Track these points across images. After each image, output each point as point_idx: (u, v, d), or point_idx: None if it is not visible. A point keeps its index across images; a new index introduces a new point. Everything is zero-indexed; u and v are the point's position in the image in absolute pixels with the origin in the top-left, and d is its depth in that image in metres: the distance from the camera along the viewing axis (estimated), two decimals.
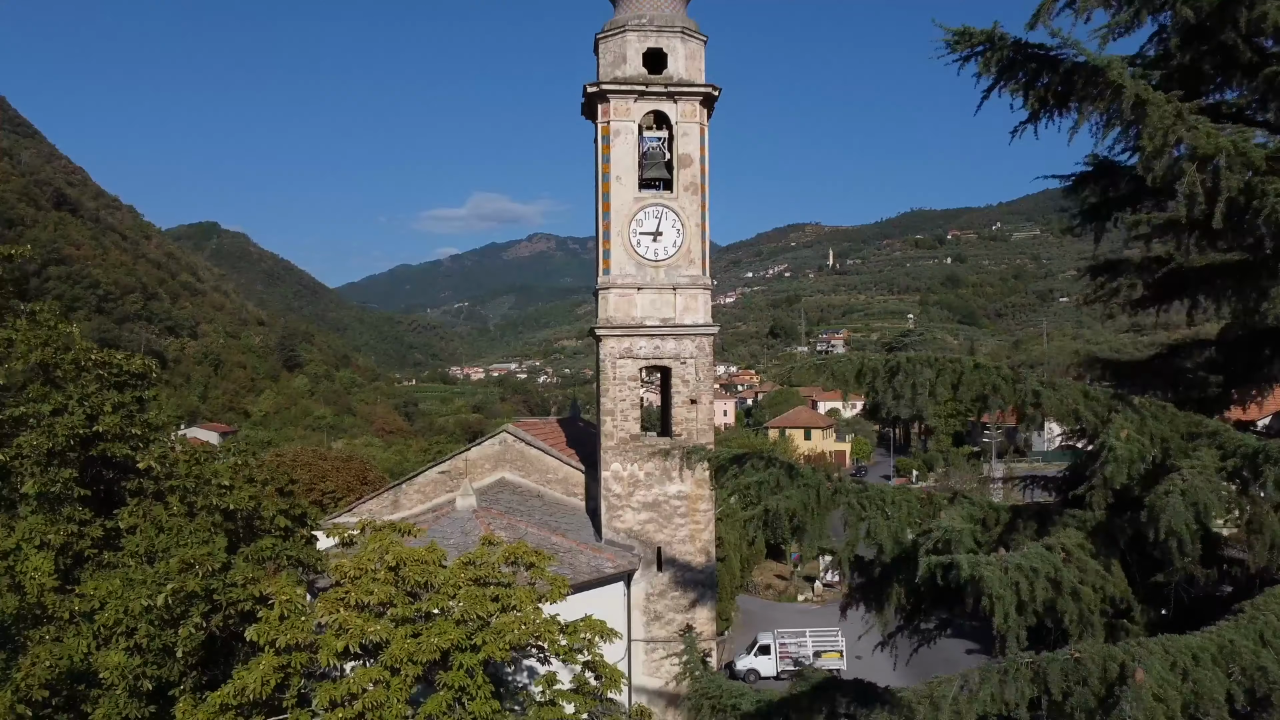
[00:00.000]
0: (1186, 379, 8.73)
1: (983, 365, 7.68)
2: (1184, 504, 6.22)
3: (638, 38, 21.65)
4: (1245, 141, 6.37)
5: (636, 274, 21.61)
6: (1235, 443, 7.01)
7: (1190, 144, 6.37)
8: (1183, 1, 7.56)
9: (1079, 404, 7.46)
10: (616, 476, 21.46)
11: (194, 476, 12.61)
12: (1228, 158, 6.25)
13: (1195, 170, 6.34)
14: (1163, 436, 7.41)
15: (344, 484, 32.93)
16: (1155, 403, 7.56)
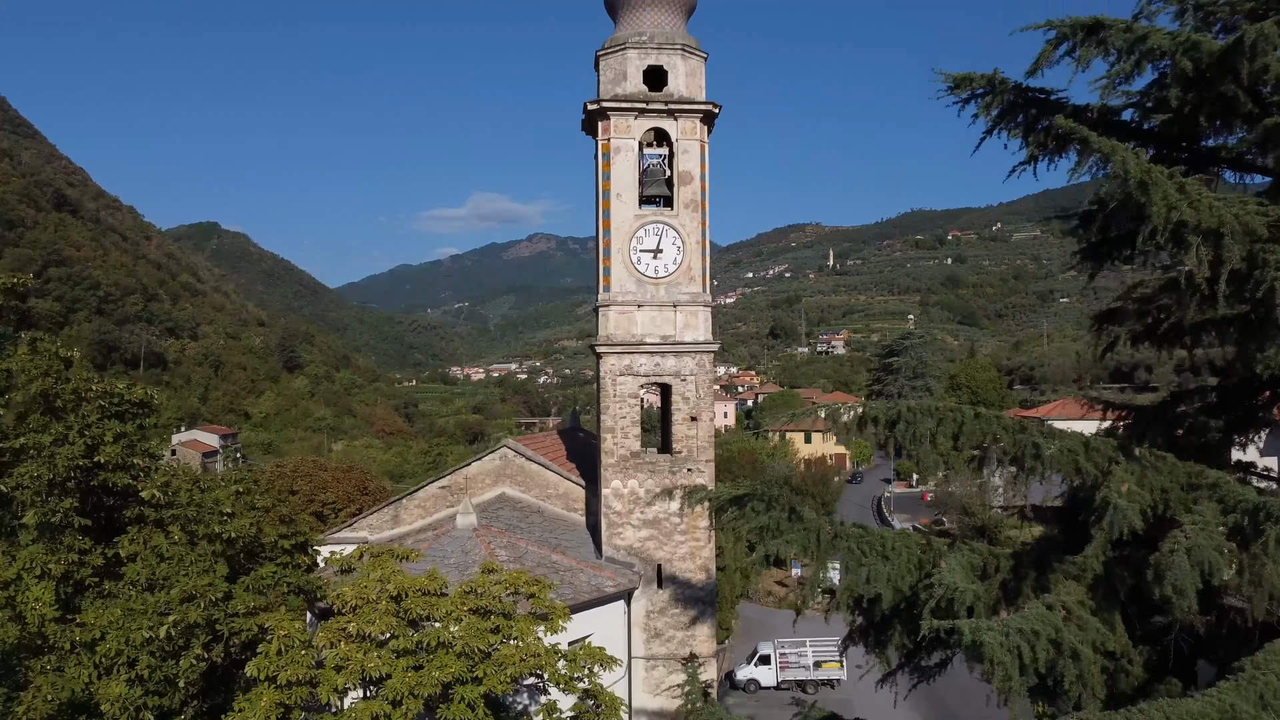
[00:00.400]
0: (1186, 424, 8.73)
1: (983, 415, 7.68)
2: (1189, 563, 6.23)
3: (638, 55, 21.64)
4: (1248, 214, 6.37)
5: (637, 291, 21.61)
6: (1236, 497, 7.01)
7: (1194, 221, 6.36)
8: (1182, 52, 7.57)
9: (1080, 456, 7.46)
10: (617, 494, 21.46)
11: (195, 505, 12.61)
12: (1231, 231, 6.25)
13: (1200, 243, 6.34)
14: (1163, 488, 7.42)
15: (344, 494, 32.91)
16: (1156, 454, 7.57)
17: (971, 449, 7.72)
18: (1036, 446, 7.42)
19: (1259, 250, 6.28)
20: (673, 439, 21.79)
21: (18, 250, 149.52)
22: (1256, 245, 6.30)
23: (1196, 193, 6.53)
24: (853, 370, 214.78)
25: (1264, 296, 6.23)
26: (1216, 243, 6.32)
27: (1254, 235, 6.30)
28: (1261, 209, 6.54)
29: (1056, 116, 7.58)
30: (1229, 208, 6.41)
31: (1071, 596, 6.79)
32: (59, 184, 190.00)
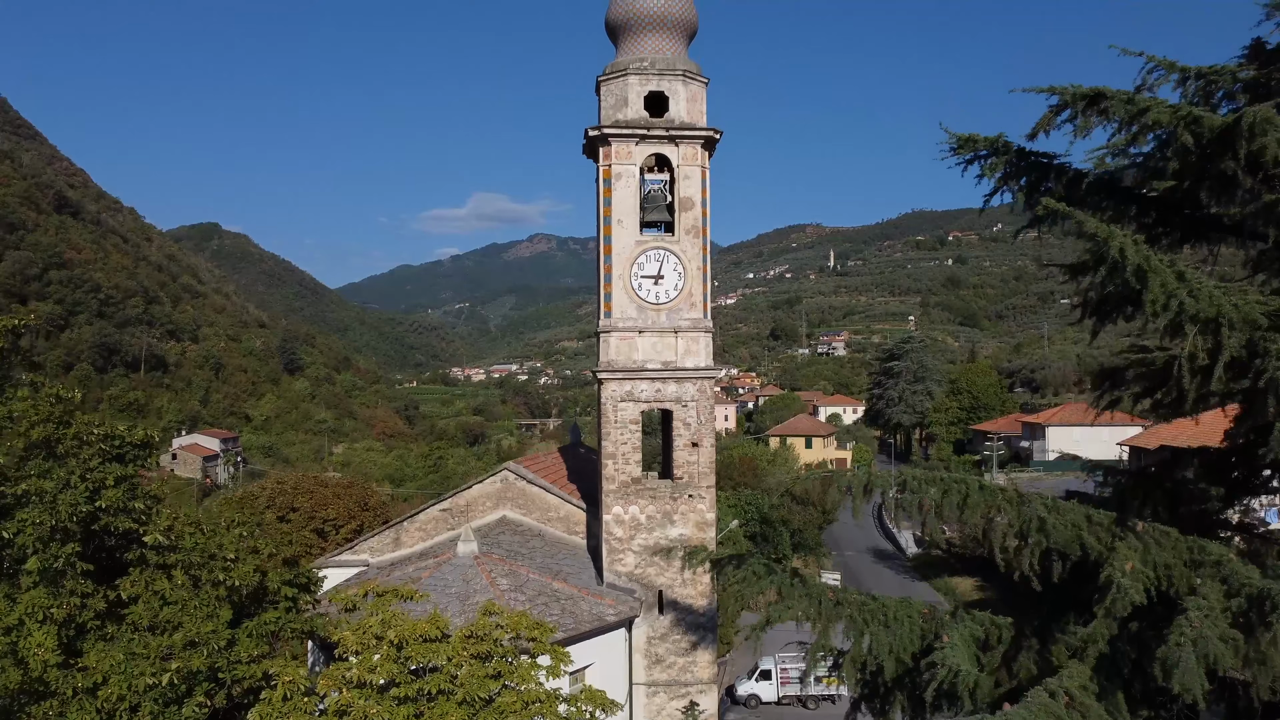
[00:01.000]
0: (1187, 490, 8.72)
1: (987, 487, 7.69)
2: (1195, 655, 6.24)
3: (639, 81, 21.64)
4: (1248, 304, 6.37)
5: (638, 317, 21.61)
6: (1240, 579, 7.01)
7: (1192, 310, 6.36)
8: (1184, 126, 7.57)
9: (1083, 530, 7.46)
10: (618, 520, 21.46)
11: (199, 550, 12.61)
12: (1230, 322, 6.24)
13: (1197, 333, 6.34)
14: (1166, 564, 7.42)
15: (345, 511, 32.91)
16: (1158, 529, 7.56)
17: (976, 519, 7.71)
18: (1041, 520, 7.42)
19: (1259, 338, 6.27)
20: (674, 465, 21.78)
21: (19, 253, 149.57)
22: (1257, 333, 6.29)
23: (1196, 281, 6.53)
24: (853, 371, 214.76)
25: (1264, 386, 6.22)
26: (1215, 331, 6.32)
27: (1254, 325, 6.30)
28: (1262, 299, 6.54)
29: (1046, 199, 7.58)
30: (1228, 296, 6.41)
31: (1075, 681, 6.79)
32: (60, 186, 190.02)
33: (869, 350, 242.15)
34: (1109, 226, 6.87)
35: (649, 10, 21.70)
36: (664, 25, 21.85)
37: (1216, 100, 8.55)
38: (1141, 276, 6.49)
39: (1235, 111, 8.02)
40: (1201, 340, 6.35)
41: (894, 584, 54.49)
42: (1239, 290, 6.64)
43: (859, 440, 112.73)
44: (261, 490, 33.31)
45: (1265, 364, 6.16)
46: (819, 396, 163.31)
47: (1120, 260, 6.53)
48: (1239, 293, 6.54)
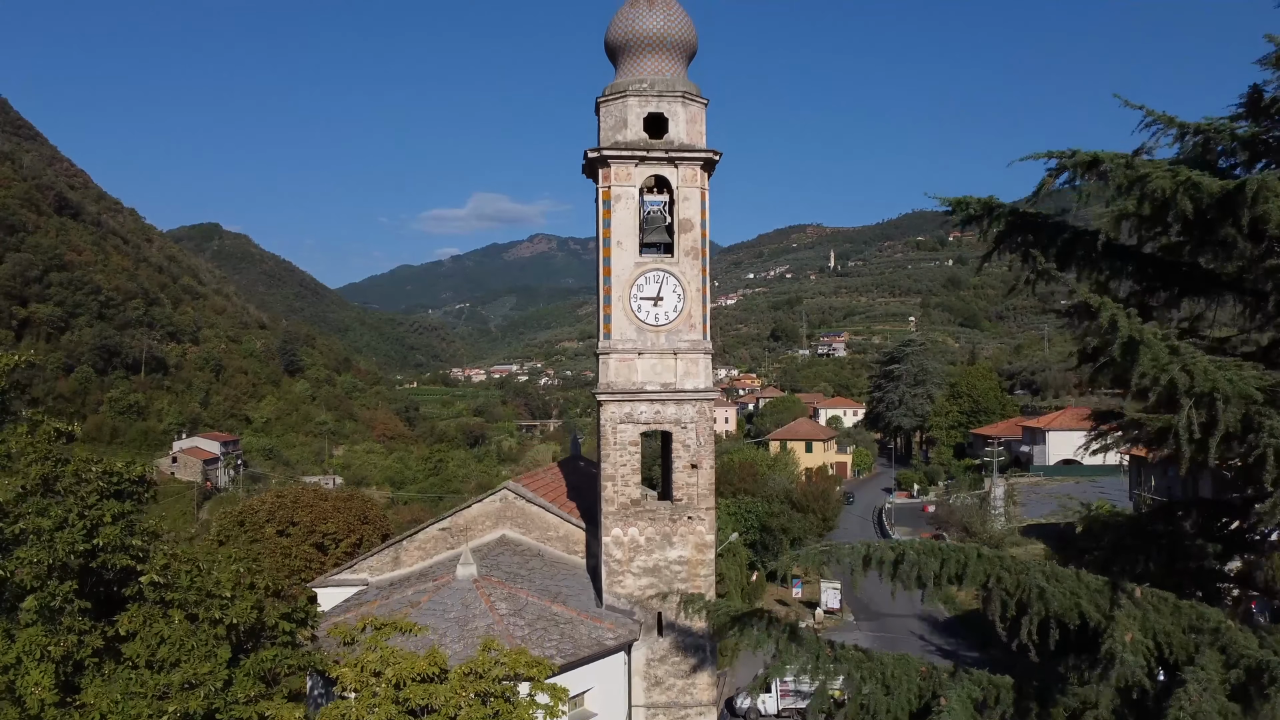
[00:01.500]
0: (1185, 546, 8.70)
1: (986, 555, 7.67)
2: None
3: (638, 102, 21.61)
4: (1243, 379, 6.35)
5: (637, 339, 21.58)
6: (1238, 649, 6.99)
7: (1185, 385, 6.34)
8: (1183, 192, 7.55)
9: (1081, 598, 7.44)
10: (617, 541, 21.43)
11: (196, 588, 12.60)
12: (1225, 397, 6.23)
13: (1192, 406, 6.32)
14: (1165, 630, 7.40)
15: (344, 524, 32.88)
16: (1156, 595, 7.55)
17: (975, 588, 7.69)
18: (1040, 590, 7.40)
19: (1254, 412, 6.26)
20: (673, 486, 21.76)
21: (19, 255, 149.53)
22: (1253, 407, 6.28)
23: (1190, 355, 6.51)
24: (854, 373, 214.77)
25: (1255, 462, 6.21)
26: (1210, 406, 6.31)
27: (1249, 399, 6.28)
28: (1257, 373, 6.52)
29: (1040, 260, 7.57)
30: (1223, 371, 6.39)
31: None
32: (60, 187, 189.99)
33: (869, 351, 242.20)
34: (1101, 297, 6.86)
35: (648, 32, 21.68)
36: (663, 47, 21.82)
37: (1215, 156, 8.53)
38: (1133, 349, 6.48)
39: (1235, 176, 8.02)
40: (1196, 414, 6.33)
41: None
42: (1234, 364, 6.61)
43: (859, 444, 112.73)
44: (261, 504, 33.27)
45: (1259, 439, 6.14)
46: (819, 398, 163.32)
47: (1113, 330, 6.52)
48: (1234, 367, 6.52)
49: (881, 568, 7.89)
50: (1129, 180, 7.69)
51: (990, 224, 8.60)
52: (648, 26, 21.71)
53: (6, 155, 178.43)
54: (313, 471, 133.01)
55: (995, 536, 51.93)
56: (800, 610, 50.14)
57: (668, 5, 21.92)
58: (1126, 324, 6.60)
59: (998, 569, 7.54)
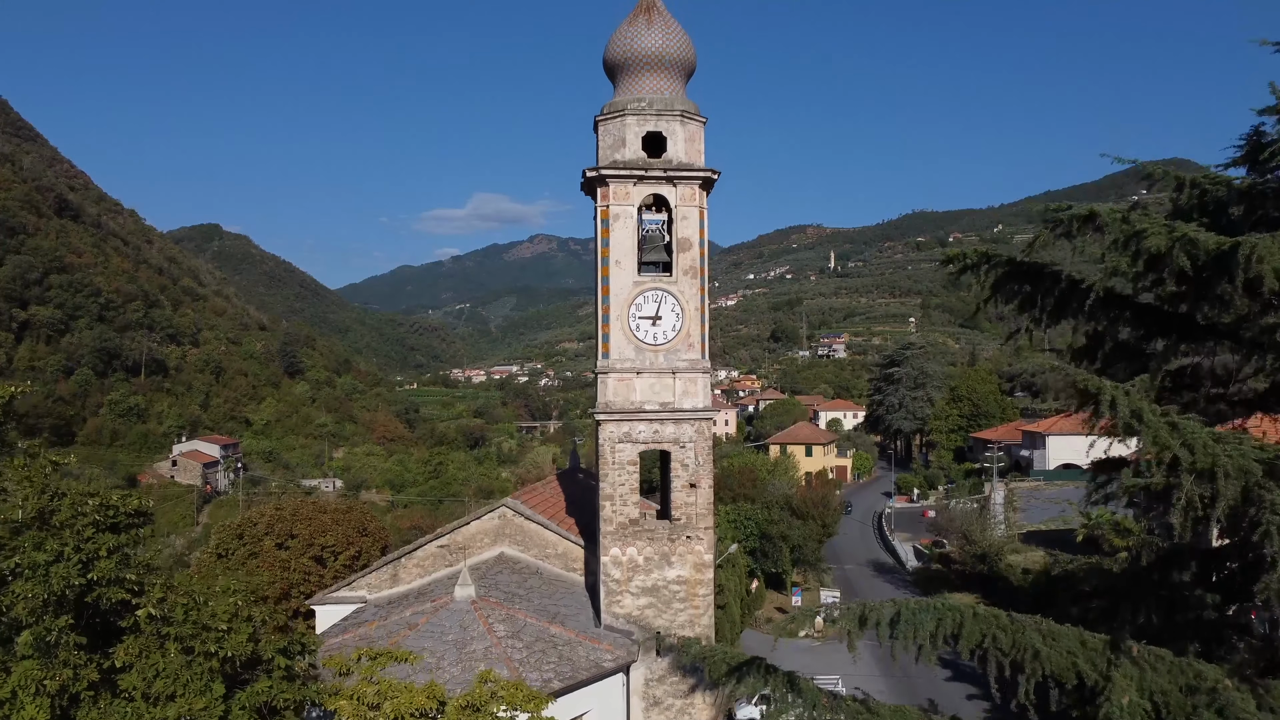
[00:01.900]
0: (1182, 598, 8.68)
1: (981, 615, 7.65)
2: None
3: (637, 121, 21.59)
4: (1243, 454, 6.32)
5: (636, 358, 21.55)
6: (1235, 711, 6.96)
7: (1187, 462, 6.32)
8: (1180, 248, 7.53)
9: (1078, 657, 7.41)
10: (615, 561, 21.40)
11: (192, 622, 12.56)
12: (1225, 473, 6.20)
13: (1193, 483, 6.30)
14: (1163, 690, 7.37)
15: (343, 537, 32.84)
16: (1153, 653, 7.52)
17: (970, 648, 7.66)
18: (1036, 651, 7.37)
19: (1255, 487, 6.24)
20: (672, 506, 21.74)
21: (19, 257, 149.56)
22: (1252, 479, 6.25)
23: (1190, 431, 6.48)
24: (854, 374, 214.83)
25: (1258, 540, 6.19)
26: (1211, 480, 6.29)
27: (1249, 474, 6.27)
28: (1258, 446, 6.50)
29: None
30: (1223, 446, 6.37)
31: None
32: (60, 189, 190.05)
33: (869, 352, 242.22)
34: (1101, 380, 6.83)
35: (647, 51, 21.65)
36: (662, 65, 21.79)
37: (1213, 206, 8.51)
38: (1133, 429, 6.45)
39: (1233, 223, 8.00)
40: (1197, 488, 6.31)
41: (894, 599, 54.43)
42: (1234, 439, 6.59)
43: (859, 447, 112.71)
44: (260, 516, 33.25)
45: (1260, 515, 6.13)
46: (819, 400, 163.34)
47: (1113, 410, 6.50)
48: (1234, 441, 6.50)
49: (878, 628, 7.86)
50: (1125, 235, 7.67)
51: (987, 273, 8.57)
52: (646, 45, 21.68)
53: (7, 157, 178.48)
54: (313, 475, 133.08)
55: (995, 545, 51.86)
56: None
57: (666, 24, 21.89)
58: (1125, 404, 6.57)
59: (993, 628, 7.51)
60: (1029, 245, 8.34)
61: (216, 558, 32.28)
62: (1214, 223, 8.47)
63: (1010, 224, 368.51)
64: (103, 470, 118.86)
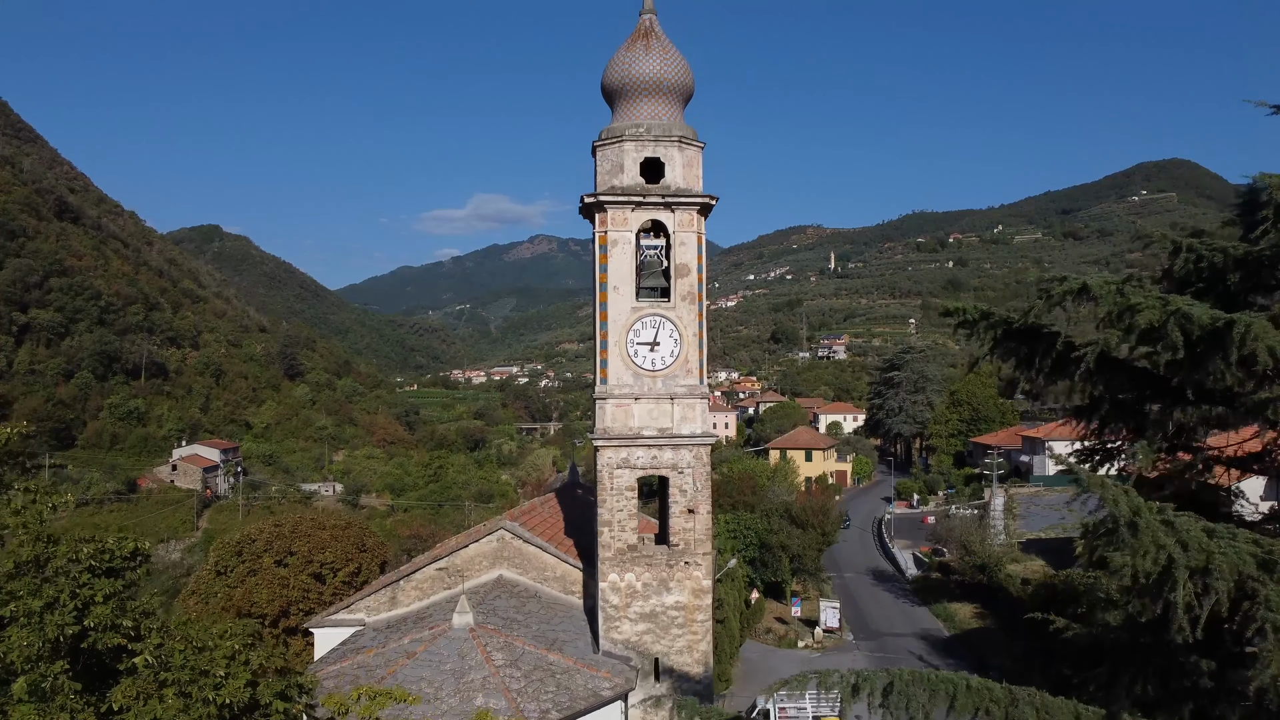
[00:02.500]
0: (1179, 664, 8.66)
1: (975, 686, 7.64)
2: None
3: (635, 147, 21.58)
4: (1239, 552, 6.32)
5: (634, 384, 21.55)
6: None
7: (1182, 561, 6.32)
8: (1174, 322, 7.52)
9: None
10: (614, 587, 21.41)
11: (190, 667, 12.53)
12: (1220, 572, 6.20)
13: (1188, 581, 6.29)
14: None
15: (342, 553, 32.84)
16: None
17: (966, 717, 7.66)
18: None
19: (1249, 578, 6.23)
20: (670, 531, 21.74)
21: (19, 260, 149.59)
22: (1246, 575, 6.25)
23: (1185, 529, 6.47)
24: (854, 376, 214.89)
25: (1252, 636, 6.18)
26: (1205, 578, 6.28)
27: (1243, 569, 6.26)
28: (1254, 540, 6.49)
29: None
30: (1217, 542, 6.36)
31: None
32: (60, 191, 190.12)
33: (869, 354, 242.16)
34: (1102, 478, 6.83)
35: (645, 76, 21.64)
36: (660, 91, 21.79)
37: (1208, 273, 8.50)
38: (1133, 528, 6.45)
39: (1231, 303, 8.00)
40: (1192, 586, 6.31)
41: (893, 608, 54.48)
42: (1228, 533, 6.58)
43: (859, 451, 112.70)
44: (259, 533, 33.25)
45: (1255, 610, 6.12)
46: (819, 403, 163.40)
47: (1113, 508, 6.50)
48: (1228, 536, 6.49)
49: (871, 697, 7.86)
50: (1119, 308, 7.67)
51: (985, 331, 8.58)
52: (644, 71, 21.67)
53: (7, 160, 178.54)
54: (313, 479, 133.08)
55: (994, 555, 51.84)
56: (799, 629, 50.09)
57: (664, 49, 21.88)
58: (1126, 503, 6.57)
59: (987, 701, 7.51)
60: (1025, 312, 8.32)
61: (216, 575, 32.30)
62: (1210, 289, 8.47)
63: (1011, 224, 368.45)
64: (103, 474, 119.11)
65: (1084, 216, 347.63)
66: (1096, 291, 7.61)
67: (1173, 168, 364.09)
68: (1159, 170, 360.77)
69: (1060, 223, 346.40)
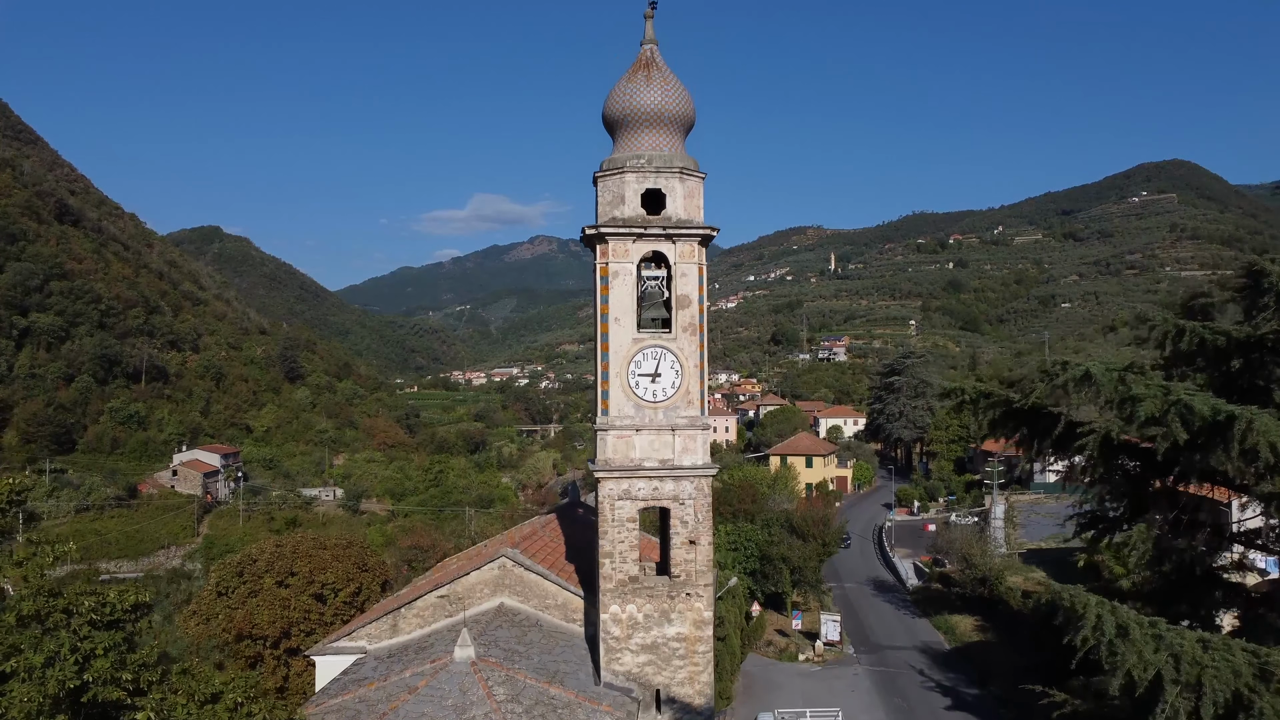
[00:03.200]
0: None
1: None
2: None
3: (636, 179, 21.56)
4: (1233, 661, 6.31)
5: (635, 415, 21.54)
6: None
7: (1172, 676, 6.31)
8: (1175, 413, 7.52)
9: None
10: (615, 619, 21.41)
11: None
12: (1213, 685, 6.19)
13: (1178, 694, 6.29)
14: None
15: (343, 574, 32.83)
16: None
17: None
18: None
19: (1245, 689, 6.22)
20: (671, 563, 21.73)
21: (20, 264, 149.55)
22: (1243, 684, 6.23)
23: (1177, 640, 6.46)
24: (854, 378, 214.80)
25: None
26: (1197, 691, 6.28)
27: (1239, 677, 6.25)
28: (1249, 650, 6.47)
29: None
30: (1211, 655, 6.35)
31: None
32: (61, 193, 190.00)
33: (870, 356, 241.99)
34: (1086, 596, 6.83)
35: (646, 107, 21.63)
36: (661, 122, 21.78)
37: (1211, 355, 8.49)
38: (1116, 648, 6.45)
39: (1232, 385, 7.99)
40: (1184, 702, 6.31)
41: (894, 620, 54.49)
42: (1224, 645, 6.57)
43: (859, 457, 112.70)
44: (260, 553, 33.25)
45: None
46: (819, 406, 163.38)
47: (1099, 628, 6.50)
48: (1224, 649, 6.48)
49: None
50: (1120, 397, 7.66)
51: (985, 410, 8.57)
52: (645, 102, 21.65)
53: (7, 162, 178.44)
54: (313, 483, 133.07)
55: (995, 568, 51.83)
56: (800, 641, 50.09)
57: (665, 80, 21.86)
58: (1112, 622, 6.57)
59: None
60: (1025, 395, 8.31)
61: (217, 595, 32.30)
62: (1212, 370, 8.46)
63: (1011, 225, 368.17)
64: (103, 479, 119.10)
65: (1084, 217, 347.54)
66: (1099, 380, 7.60)
67: (1173, 168, 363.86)
68: (1159, 171, 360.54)
69: (1060, 223, 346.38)
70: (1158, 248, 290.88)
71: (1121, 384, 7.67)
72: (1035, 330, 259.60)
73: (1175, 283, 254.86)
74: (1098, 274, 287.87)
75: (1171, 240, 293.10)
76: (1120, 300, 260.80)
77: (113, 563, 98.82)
